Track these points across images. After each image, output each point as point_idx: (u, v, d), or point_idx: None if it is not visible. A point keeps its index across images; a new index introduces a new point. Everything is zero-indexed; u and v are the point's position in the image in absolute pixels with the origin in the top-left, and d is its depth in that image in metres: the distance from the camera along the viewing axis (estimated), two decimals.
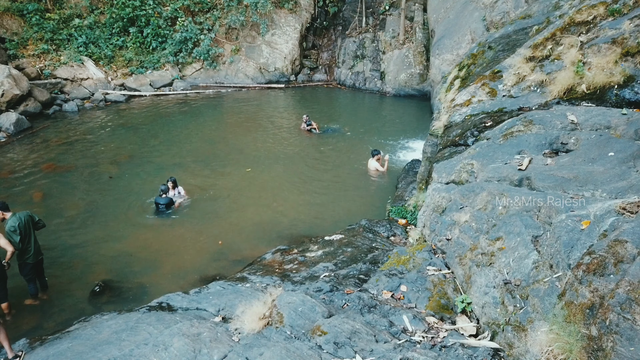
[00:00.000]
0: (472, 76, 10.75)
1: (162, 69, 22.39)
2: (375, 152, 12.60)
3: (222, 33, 23.70)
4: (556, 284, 3.87)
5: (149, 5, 22.01)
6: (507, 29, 12.13)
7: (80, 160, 13.39)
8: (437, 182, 7.53)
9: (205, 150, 14.39)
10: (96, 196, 11.13)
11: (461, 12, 17.76)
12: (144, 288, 7.82)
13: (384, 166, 12.48)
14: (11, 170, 12.57)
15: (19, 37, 19.54)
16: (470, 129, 8.36)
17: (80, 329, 6.04)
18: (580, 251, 3.79)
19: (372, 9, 24.58)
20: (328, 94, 22.74)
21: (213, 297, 6.20)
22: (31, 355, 5.64)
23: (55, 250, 8.72)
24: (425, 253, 6.30)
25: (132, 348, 5.03)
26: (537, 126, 6.96)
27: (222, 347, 4.71)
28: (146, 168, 12.82)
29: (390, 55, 22.04)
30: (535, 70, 8.32)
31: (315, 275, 6.53)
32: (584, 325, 3.33)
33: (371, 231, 8.35)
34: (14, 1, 19.82)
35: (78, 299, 7.56)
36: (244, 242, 9.31)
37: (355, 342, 4.49)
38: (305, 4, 24.74)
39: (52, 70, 19.64)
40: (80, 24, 21.11)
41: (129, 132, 16.03)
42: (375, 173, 12.52)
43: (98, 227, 9.77)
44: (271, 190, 11.67)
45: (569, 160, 5.95)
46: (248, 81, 23.27)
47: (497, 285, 4.60)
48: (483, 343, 4.32)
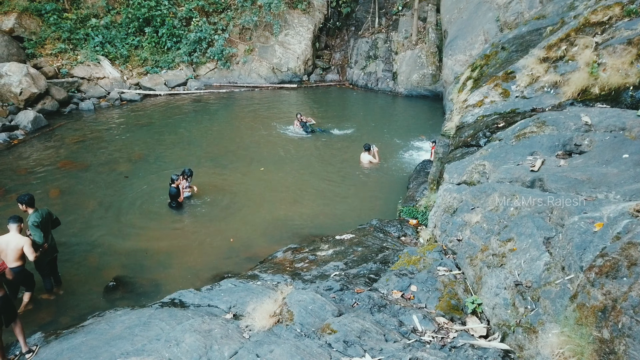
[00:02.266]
0: (484, 77, 10.68)
1: (176, 68, 22.61)
2: (367, 145, 13.16)
3: (235, 33, 23.85)
4: (568, 286, 3.85)
5: (164, 5, 22.24)
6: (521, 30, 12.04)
7: (96, 158, 13.59)
8: (449, 183, 7.51)
9: (219, 149, 14.51)
10: (111, 193, 11.29)
11: (474, 13, 17.65)
12: (157, 284, 7.93)
13: (376, 157, 13.06)
14: (29, 167, 12.81)
15: (37, 36, 19.86)
16: (482, 129, 8.32)
17: (94, 323, 6.14)
18: (592, 253, 3.76)
19: (385, 9, 24.54)
20: (340, 94, 22.76)
21: (224, 294, 6.25)
22: (46, 348, 5.75)
23: (71, 246, 8.87)
24: (435, 253, 6.29)
25: (144, 343, 5.11)
26: (550, 127, 6.91)
27: (233, 343, 4.76)
28: (160, 166, 12.97)
29: (403, 55, 21.99)
30: (549, 71, 8.25)
31: (325, 274, 6.56)
32: (596, 328, 3.31)
33: (382, 231, 8.35)
34: (32, 1, 20.15)
35: (92, 294, 7.69)
36: (256, 240, 9.38)
37: (364, 341, 4.51)
38: (319, 4, 24.78)
39: (69, 69, 19.94)
40: (97, 23, 21.40)
41: (143, 131, 16.22)
42: (369, 165, 13.13)
43: (113, 224, 9.92)
44: (283, 189, 11.74)
45: (582, 162, 5.90)
46: (261, 81, 23.38)
47: (508, 287, 4.58)
48: (493, 344, 4.31)
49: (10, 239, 6.74)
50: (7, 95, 16.53)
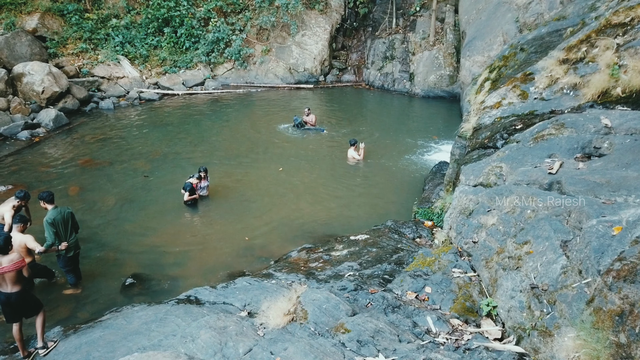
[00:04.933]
0: (502, 78, 10.58)
1: (194, 68, 22.84)
2: (352, 141, 13.52)
3: (253, 34, 24.01)
4: (585, 289, 3.82)
5: (183, 6, 22.50)
6: (541, 31, 11.89)
7: (115, 156, 13.81)
8: (465, 185, 7.47)
9: (236, 148, 14.61)
10: (129, 191, 11.46)
11: (493, 14, 17.48)
12: (173, 281, 8.03)
13: (361, 154, 13.34)
14: (49, 164, 13.08)
15: (59, 36, 20.26)
16: (499, 131, 8.25)
17: (111, 319, 6.26)
18: (610, 257, 3.72)
19: (403, 10, 24.43)
20: (356, 95, 22.73)
21: (239, 292, 6.32)
22: (65, 342, 5.88)
23: (90, 243, 9.03)
24: (450, 255, 6.27)
25: (160, 339, 5.20)
26: (569, 129, 6.82)
27: (248, 340, 4.81)
28: (177, 165, 13.12)
29: (420, 56, 21.87)
30: (569, 72, 8.14)
31: (339, 274, 6.58)
32: (613, 332, 3.27)
33: (397, 232, 8.34)
34: (55, 1, 20.58)
35: (110, 290, 7.81)
36: (271, 239, 9.44)
37: (378, 341, 4.52)
38: (336, 5, 24.80)
39: (89, 69, 20.31)
40: (117, 24, 21.75)
41: (161, 130, 16.43)
42: (353, 161, 13.42)
43: (131, 221, 10.08)
44: (298, 188, 11.78)
45: (601, 165, 5.82)
46: (277, 81, 23.49)
47: (524, 290, 4.55)
48: (508, 347, 4.28)
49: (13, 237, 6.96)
50: (29, 93, 16.92)
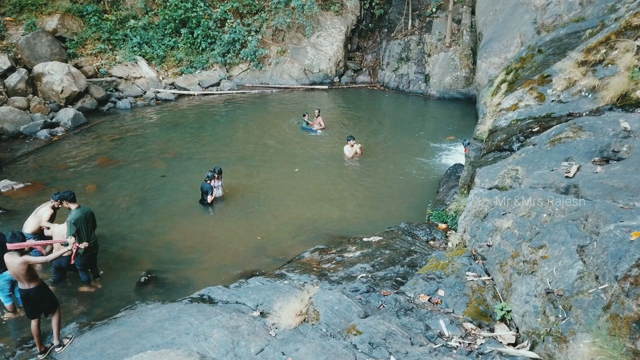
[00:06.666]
0: (519, 80, 10.45)
1: (210, 69, 23.04)
2: (349, 138, 13.76)
3: (268, 35, 24.12)
4: (601, 295, 3.75)
5: (199, 7, 22.71)
6: (559, 32, 11.72)
7: (132, 155, 13.99)
8: (480, 187, 7.40)
9: (251, 149, 14.69)
10: (145, 190, 11.60)
11: (511, 15, 17.30)
12: (187, 280, 8.10)
13: (350, 152, 13.65)
14: (67, 163, 13.30)
15: (79, 36, 20.61)
16: (515, 133, 8.15)
17: (126, 316, 6.34)
18: (628, 263, 3.66)
19: (419, 11, 24.31)
20: (371, 96, 22.68)
21: (252, 292, 6.35)
22: (80, 338, 5.98)
23: (106, 241, 9.16)
24: (464, 258, 6.21)
25: (174, 337, 5.25)
26: (587, 132, 6.71)
27: (260, 340, 4.83)
28: (193, 164, 13.24)
29: (436, 57, 21.74)
30: (587, 75, 8.01)
31: (352, 276, 6.57)
32: (630, 339, 3.22)
33: (410, 234, 8.30)
34: (74, 2, 20.95)
35: (125, 287, 7.92)
36: (284, 239, 9.47)
37: (390, 344, 4.51)
38: (351, 6, 24.78)
39: (107, 69, 20.62)
40: (135, 24, 22.06)
41: (178, 130, 16.60)
42: (344, 157, 13.80)
43: (146, 220, 10.20)
44: (312, 189, 11.79)
45: (620, 169, 5.71)
46: (292, 82, 23.55)
47: (539, 294, 4.49)
48: (522, 352, 4.23)
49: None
50: (49, 93, 17.24)
